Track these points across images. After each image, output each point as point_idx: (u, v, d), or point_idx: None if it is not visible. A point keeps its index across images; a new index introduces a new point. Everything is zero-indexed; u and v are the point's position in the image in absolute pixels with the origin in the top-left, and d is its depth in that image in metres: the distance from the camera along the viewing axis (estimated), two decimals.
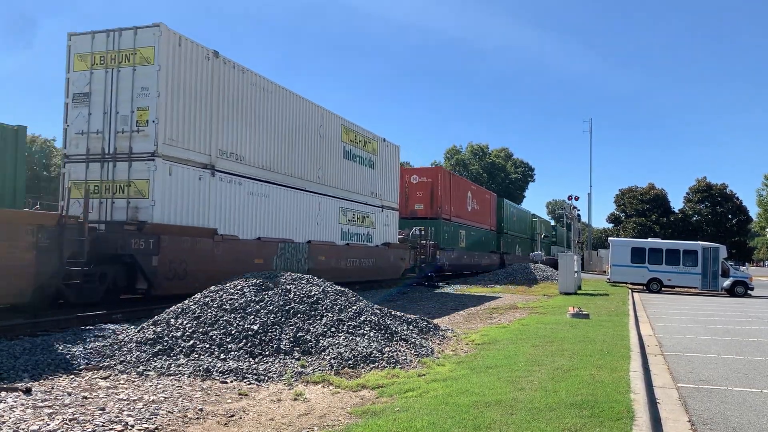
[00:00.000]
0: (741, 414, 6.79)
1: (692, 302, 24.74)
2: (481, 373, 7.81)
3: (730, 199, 73.68)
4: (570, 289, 24.73)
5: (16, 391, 6.44)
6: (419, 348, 9.34)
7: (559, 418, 5.64)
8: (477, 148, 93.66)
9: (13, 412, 5.65)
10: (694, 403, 7.21)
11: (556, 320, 14.30)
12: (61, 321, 11.03)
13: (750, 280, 30.73)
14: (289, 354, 8.29)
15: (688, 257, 30.83)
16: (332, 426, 5.58)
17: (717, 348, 11.75)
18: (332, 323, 9.05)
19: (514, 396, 6.44)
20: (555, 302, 20.18)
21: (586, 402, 6.22)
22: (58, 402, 6.12)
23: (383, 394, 6.77)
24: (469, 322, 14.50)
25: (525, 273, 35.03)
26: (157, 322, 9.04)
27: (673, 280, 31.00)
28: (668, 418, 6.45)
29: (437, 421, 5.47)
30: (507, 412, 5.79)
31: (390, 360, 8.41)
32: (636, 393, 6.76)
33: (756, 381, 8.64)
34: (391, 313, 10.77)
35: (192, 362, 7.89)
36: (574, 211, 39.74)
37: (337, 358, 8.19)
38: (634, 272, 31.60)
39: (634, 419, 5.69)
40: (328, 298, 9.70)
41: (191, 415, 5.87)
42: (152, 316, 10.31)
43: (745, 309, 21.84)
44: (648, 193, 76.59)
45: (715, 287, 30.35)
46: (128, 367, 7.80)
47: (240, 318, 8.86)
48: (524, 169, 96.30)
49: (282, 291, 9.62)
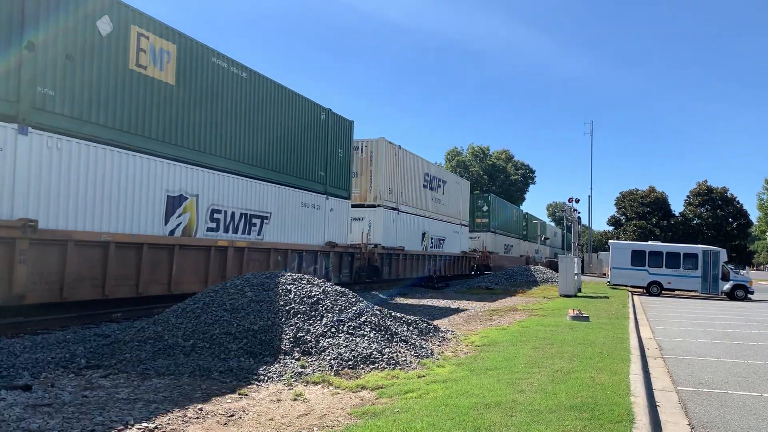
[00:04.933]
0: (741, 418, 6.79)
1: (692, 305, 24.73)
2: (481, 374, 7.82)
3: (731, 202, 73.58)
4: (570, 292, 24.72)
5: (16, 389, 6.44)
6: (419, 349, 9.34)
7: (558, 420, 5.65)
8: (478, 149, 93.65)
9: (12, 410, 5.65)
10: (694, 407, 7.21)
11: (556, 322, 14.30)
12: (61, 319, 11.05)
13: (750, 283, 30.74)
14: (289, 354, 8.29)
15: (689, 260, 30.83)
16: (332, 426, 5.58)
17: (717, 351, 11.75)
18: (332, 324, 9.04)
19: (514, 398, 6.44)
20: (555, 304, 20.17)
21: (586, 404, 6.23)
22: (58, 400, 6.12)
23: (383, 395, 6.77)
24: (469, 324, 14.50)
25: (525, 275, 35.04)
26: (157, 321, 9.04)
27: (673, 284, 31.00)
28: (668, 421, 6.45)
29: (437, 422, 5.47)
30: (507, 414, 5.79)
31: (390, 361, 8.41)
32: (636, 396, 6.76)
33: (756, 385, 8.64)
34: (392, 314, 10.78)
35: (192, 362, 7.89)
36: (575, 214, 39.70)
37: (337, 359, 8.19)
38: (635, 275, 31.61)
39: (634, 422, 5.69)
40: (328, 299, 9.70)
41: (191, 415, 5.87)
42: (152, 316, 10.32)
43: (745, 313, 21.83)
44: (648, 196, 76.52)
45: (715, 291, 30.35)
46: (128, 366, 7.79)
47: (240, 318, 8.86)
48: (525, 171, 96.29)
49: (282, 291, 9.62)
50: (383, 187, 24.66)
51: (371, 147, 24.71)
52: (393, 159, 25.53)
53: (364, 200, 24.47)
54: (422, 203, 29.29)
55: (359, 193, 24.41)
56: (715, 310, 22.84)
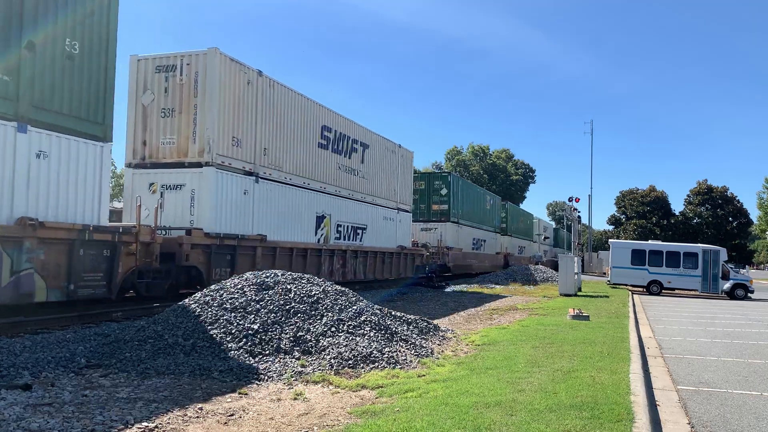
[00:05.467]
0: (741, 417, 6.79)
1: (692, 305, 24.72)
2: (481, 374, 7.82)
3: (731, 201, 73.57)
4: (570, 291, 24.73)
5: (17, 388, 6.44)
6: (419, 348, 9.34)
7: (558, 419, 5.64)
8: (478, 148, 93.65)
9: (13, 410, 5.65)
10: (694, 406, 7.20)
11: (556, 322, 14.30)
12: (62, 319, 11.04)
13: (750, 283, 30.73)
14: (289, 353, 8.29)
15: (689, 260, 30.83)
16: (332, 426, 5.58)
17: (717, 351, 11.75)
18: (332, 323, 9.04)
19: (514, 397, 6.44)
20: (555, 304, 20.17)
21: (586, 404, 6.22)
22: (58, 400, 6.12)
23: (383, 395, 6.77)
24: (469, 323, 14.51)
25: (525, 274, 35.07)
26: (157, 321, 9.04)
27: (673, 283, 31.00)
28: (668, 420, 6.44)
29: (437, 421, 5.47)
30: (507, 414, 5.79)
31: (390, 360, 8.41)
32: (636, 395, 6.76)
33: (756, 384, 8.64)
34: (392, 314, 10.78)
35: (192, 361, 7.89)
36: (575, 213, 39.75)
37: (337, 358, 8.19)
38: (635, 274, 31.60)
39: (634, 421, 5.69)
40: (328, 298, 9.70)
41: (191, 414, 5.87)
42: (152, 315, 10.32)
43: (745, 312, 21.83)
44: (649, 195, 76.52)
45: (715, 290, 30.35)
46: (128, 365, 7.80)
47: (240, 317, 8.86)
48: (525, 170, 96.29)
49: (282, 290, 9.62)
50: (219, 134, 15.02)
51: (196, 65, 14.97)
52: (243, 90, 16.00)
53: (184, 156, 14.97)
54: (319, 172, 20.10)
55: (175, 143, 15.09)
56: (715, 309, 22.84)
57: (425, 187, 33.58)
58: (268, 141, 17.22)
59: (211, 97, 14.83)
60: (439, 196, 33.43)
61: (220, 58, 15.02)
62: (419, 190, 33.18)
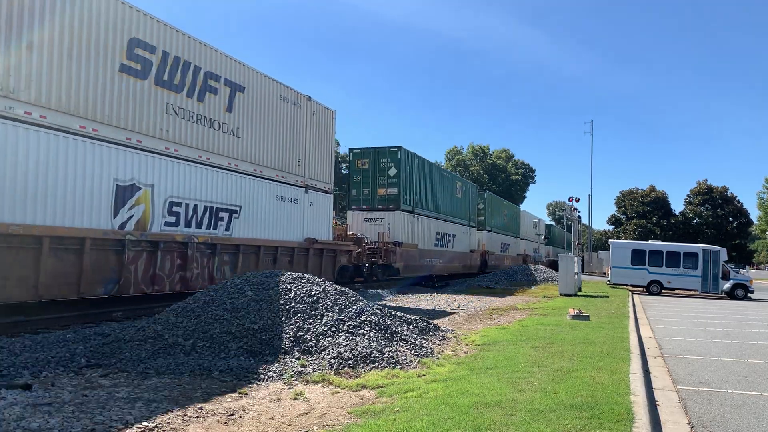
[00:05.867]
0: (741, 417, 6.79)
1: (692, 305, 24.73)
2: (481, 374, 7.82)
3: (731, 201, 73.59)
4: (570, 291, 24.72)
5: (17, 388, 6.45)
6: (419, 348, 9.34)
7: (558, 419, 5.64)
8: (478, 148, 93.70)
9: (13, 409, 5.65)
10: (694, 406, 7.20)
11: (556, 322, 14.30)
12: (62, 319, 11.05)
13: (750, 283, 30.73)
14: (289, 353, 8.29)
15: (689, 260, 30.82)
16: (332, 425, 5.58)
17: (717, 351, 11.75)
18: (332, 323, 9.05)
19: (514, 397, 6.44)
20: (555, 304, 20.17)
21: (586, 403, 6.22)
22: (58, 400, 6.13)
23: (383, 394, 6.77)
24: (469, 323, 14.51)
25: (525, 274, 35.10)
26: (157, 321, 9.05)
27: (673, 283, 31.00)
28: (668, 420, 6.45)
29: (437, 421, 5.47)
30: (507, 413, 5.79)
31: (390, 360, 8.41)
32: (636, 395, 6.76)
33: (756, 384, 8.64)
34: (392, 313, 10.78)
35: (192, 361, 7.90)
36: (575, 213, 39.78)
37: (337, 358, 8.20)
38: (635, 274, 31.60)
39: (634, 421, 5.69)
40: (328, 298, 9.70)
41: (191, 414, 5.88)
42: (153, 315, 10.32)
43: (745, 312, 21.83)
44: (649, 195, 76.53)
45: (715, 290, 30.35)
46: (128, 365, 7.80)
47: (240, 317, 8.86)
48: (525, 170, 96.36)
49: (282, 290, 9.62)
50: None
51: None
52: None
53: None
54: (123, 114, 12.51)
55: None
56: (715, 309, 22.84)
57: (369, 167, 26.42)
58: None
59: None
60: (386, 178, 26.38)
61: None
62: (362, 170, 26.71)
